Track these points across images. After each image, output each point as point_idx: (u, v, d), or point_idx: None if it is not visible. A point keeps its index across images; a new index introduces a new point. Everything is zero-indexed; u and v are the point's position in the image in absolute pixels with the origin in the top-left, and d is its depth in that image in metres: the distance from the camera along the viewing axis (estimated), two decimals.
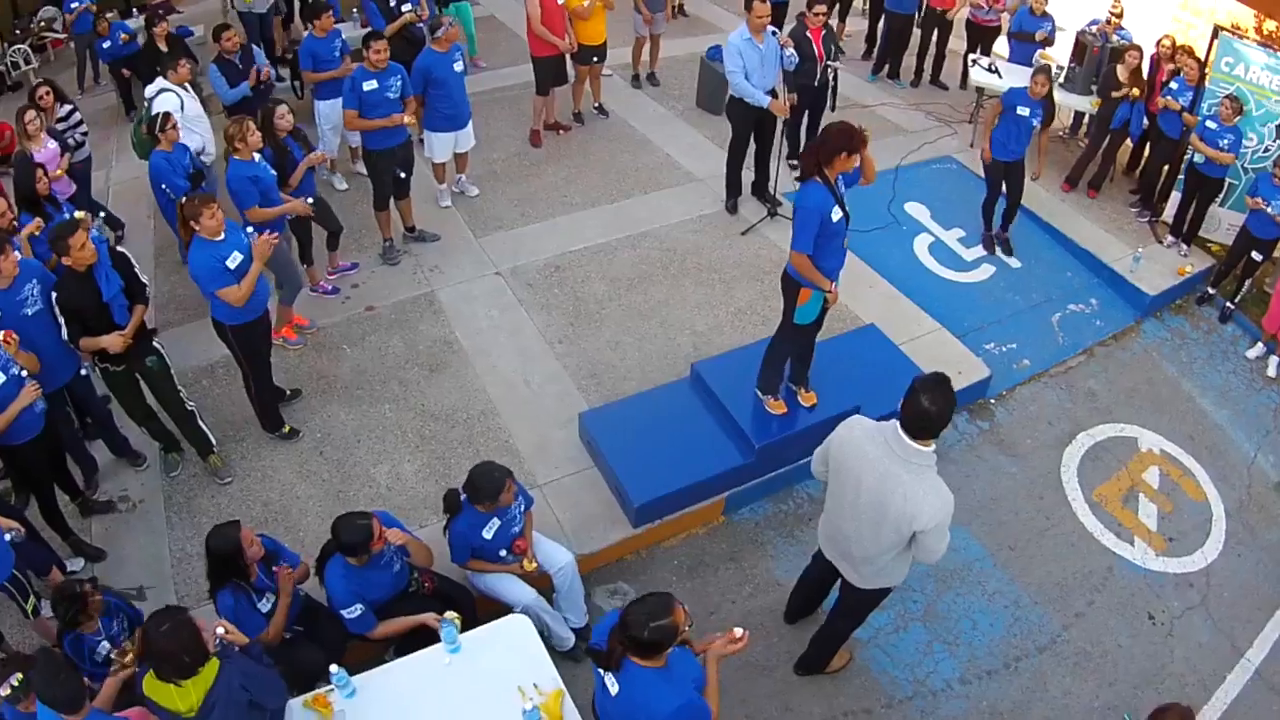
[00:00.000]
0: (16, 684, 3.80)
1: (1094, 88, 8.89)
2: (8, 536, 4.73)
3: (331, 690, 4.28)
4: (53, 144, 6.99)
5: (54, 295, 5.35)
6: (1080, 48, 9.08)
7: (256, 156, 6.36)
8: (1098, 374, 7.51)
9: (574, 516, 5.93)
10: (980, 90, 9.68)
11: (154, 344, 5.80)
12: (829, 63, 8.34)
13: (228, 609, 4.53)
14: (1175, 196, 8.50)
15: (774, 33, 7.86)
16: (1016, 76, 9.30)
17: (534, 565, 5.13)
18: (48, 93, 7.47)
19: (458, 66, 7.68)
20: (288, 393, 6.63)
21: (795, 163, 9.14)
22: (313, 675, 4.58)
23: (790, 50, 7.66)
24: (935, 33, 10.54)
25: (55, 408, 5.64)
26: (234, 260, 5.59)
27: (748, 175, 8.61)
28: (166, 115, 6.55)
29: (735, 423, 6.13)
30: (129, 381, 5.77)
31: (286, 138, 6.72)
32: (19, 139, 6.87)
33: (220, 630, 4.13)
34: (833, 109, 9.01)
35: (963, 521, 6.22)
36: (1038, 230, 8.70)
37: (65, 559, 5.59)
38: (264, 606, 4.65)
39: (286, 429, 6.40)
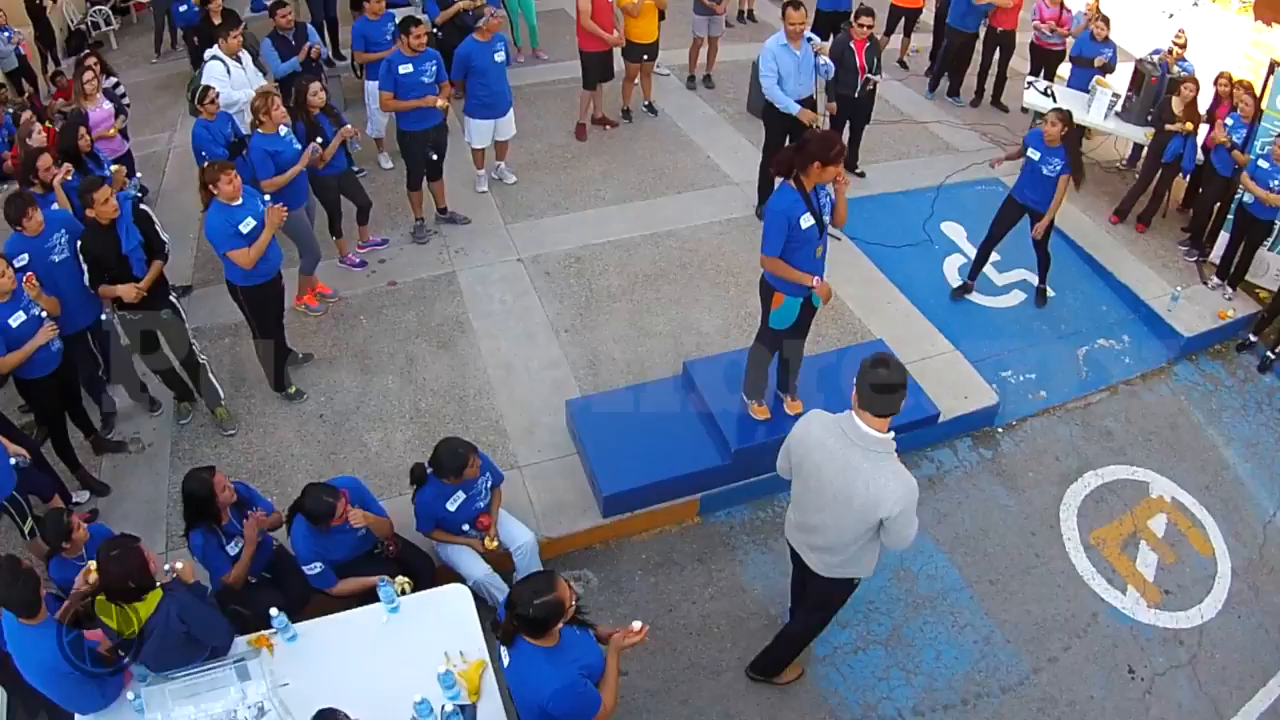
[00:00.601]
0: None
1: (1150, 118, 8.54)
2: (12, 460, 5.04)
3: (275, 633, 4.40)
4: (108, 104, 7.38)
5: (78, 244, 5.68)
6: (1139, 77, 8.67)
7: (282, 130, 6.56)
8: (1118, 413, 7.15)
9: (547, 500, 5.96)
10: (1028, 112, 9.37)
11: (170, 298, 6.06)
12: (870, 75, 8.23)
13: (197, 548, 4.76)
14: (1224, 237, 8.02)
15: (810, 40, 7.77)
16: (1071, 101, 8.99)
17: (495, 544, 5.20)
18: (95, 63, 7.84)
19: (498, 57, 7.78)
20: (300, 355, 6.83)
21: None
22: (269, 619, 4.78)
23: (824, 59, 7.57)
24: (997, 53, 10.21)
25: (79, 350, 5.98)
26: (247, 225, 5.82)
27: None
28: (207, 89, 6.86)
29: (716, 424, 6.05)
30: (145, 330, 6.02)
31: (319, 114, 6.89)
32: (76, 97, 7.29)
33: (178, 565, 4.36)
34: (868, 120, 8.94)
35: (944, 548, 6.05)
36: (1077, 260, 8.34)
37: (72, 491, 5.89)
38: (232, 549, 4.83)
39: (293, 389, 6.60)
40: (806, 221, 5.06)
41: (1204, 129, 8.16)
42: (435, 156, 7.69)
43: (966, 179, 9.31)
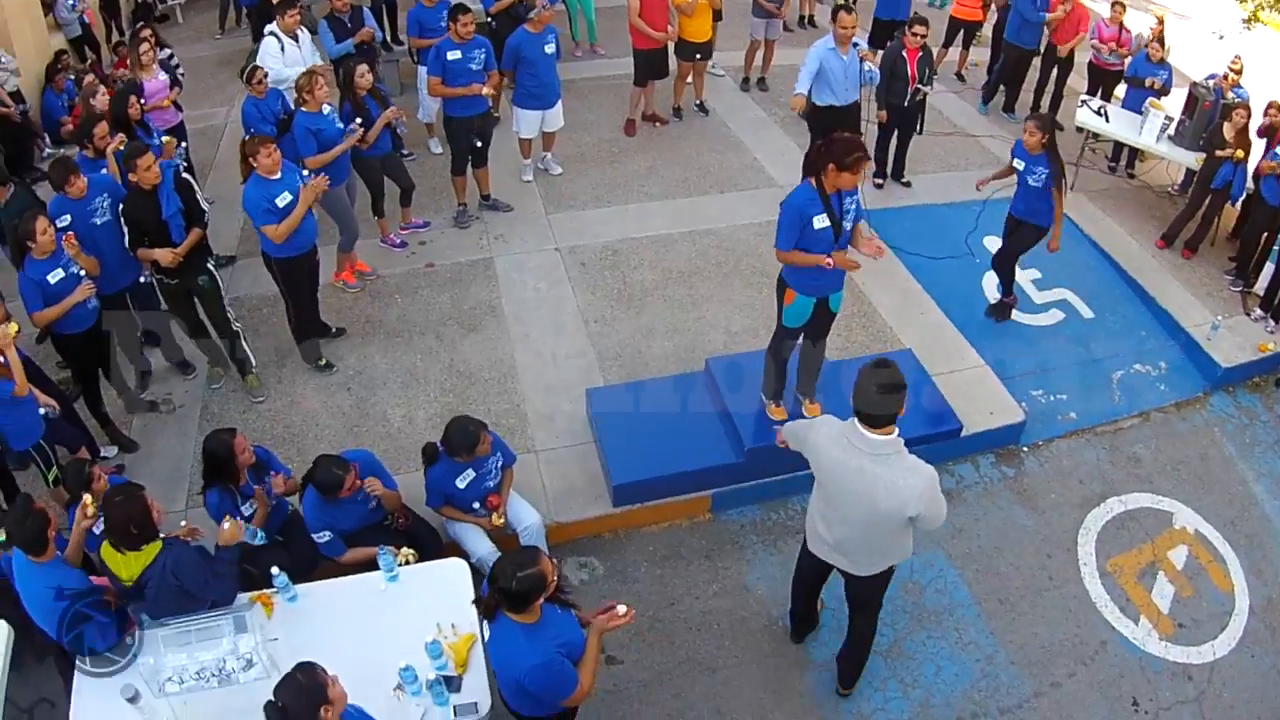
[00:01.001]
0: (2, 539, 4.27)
1: (1201, 143, 8.25)
2: (41, 410, 5.23)
3: (276, 592, 4.49)
4: (163, 75, 7.58)
5: (120, 207, 5.86)
6: (1193, 100, 8.38)
7: (326, 109, 6.68)
8: (1148, 440, 6.92)
9: (559, 485, 5.99)
10: (1083, 131, 9.14)
11: (208, 265, 6.20)
12: (920, 85, 8.13)
13: (212, 506, 4.88)
14: (1269, 268, 7.73)
15: (856, 45, 7.67)
16: (1124, 122, 8.78)
17: (501, 521, 5.24)
18: (150, 34, 8.04)
19: (549, 49, 7.82)
20: (333, 329, 6.96)
21: (879, 181, 9.09)
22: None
23: (869, 66, 7.49)
24: (1055, 70, 9.98)
25: (116, 310, 6.17)
26: (283, 199, 5.94)
27: None
28: (255, 68, 7.03)
29: (733, 422, 6.02)
30: (182, 295, 6.21)
31: (366, 96, 6.97)
32: (132, 68, 7.53)
33: (225, 527, 4.50)
34: (919, 132, 8.83)
35: (956, 564, 5.94)
36: (1120, 283, 8.11)
37: (102, 445, 6.07)
38: (246, 510, 4.96)
39: (323, 362, 6.72)
40: (820, 222, 5.00)
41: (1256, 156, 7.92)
42: (480, 144, 7.75)
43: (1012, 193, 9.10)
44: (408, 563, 4.78)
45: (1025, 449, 6.79)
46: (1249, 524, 6.46)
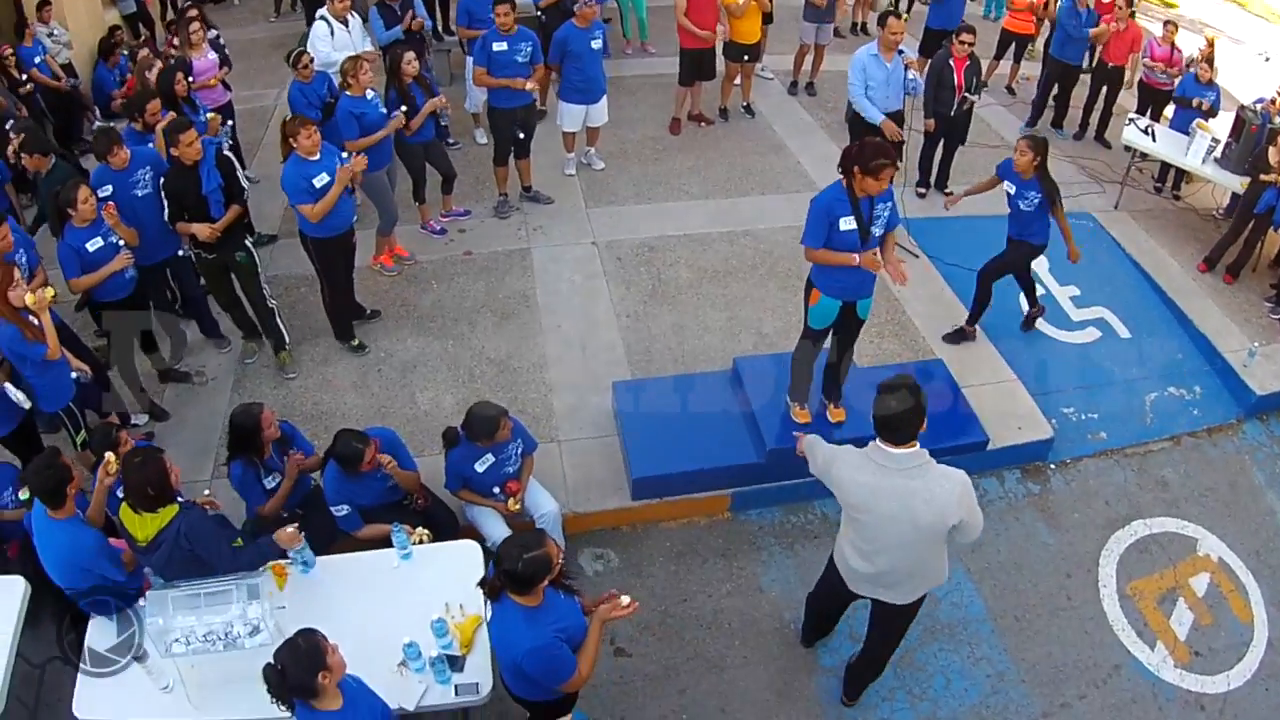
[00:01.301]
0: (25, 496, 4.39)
1: (1246, 167, 8.02)
2: (74, 374, 5.34)
3: (291, 563, 4.56)
4: (213, 55, 7.74)
5: (161, 181, 5.97)
6: (1239, 124, 8.15)
7: (369, 94, 6.76)
8: (1177, 464, 6.77)
9: (580, 476, 6.01)
10: (1130, 150, 8.99)
11: (246, 242, 6.29)
12: (967, 94, 8.04)
13: (235, 478, 4.98)
14: None
15: (901, 53, 7.59)
16: (1171, 143, 8.60)
17: (518, 507, 5.26)
18: (197, 14, 8.19)
19: (595, 44, 7.86)
20: (368, 311, 7.04)
21: (922, 190, 9.00)
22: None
23: (913, 74, 7.40)
24: (1105, 88, 9.82)
25: (154, 281, 6.32)
26: (320, 180, 6.01)
27: None
28: (301, 53, 7.14)
29: (756, 422, 5.99)
30: (219, 270, 6.32)
31: (412, 84, 7.05)
32: (182, 46, 7.69)
33: (205, 492, 4.59)
34: (963, 141, 8.72)
35: (974, 578, 5.86)
36: (1159, 305, 7.95)
37: (134, 413, 6.21)
38: (269, 483, 5.04)
39: (356, 342, 6.80)
40: (847, 224, 4.97)
41: None
42: (522, 135, 7.81)
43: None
44: (421, 542, 4.83)
45: (1053, 466, 6.68)
46: (1274, 555, 6.28)
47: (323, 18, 7.75)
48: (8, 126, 6.94)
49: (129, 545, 4.31)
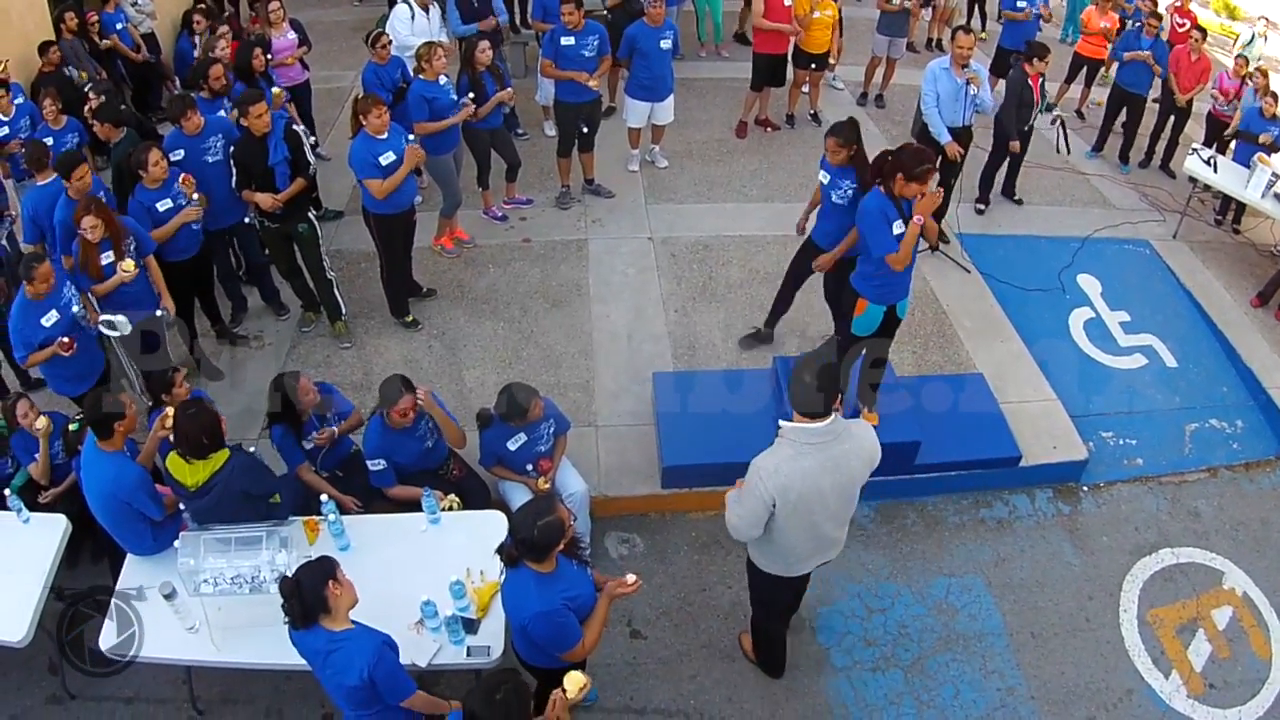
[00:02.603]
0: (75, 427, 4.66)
1: None
2: (158, 312, 5.75)
3: (324, 519, 4.76)
4: (292, 34, 8.01)
5: (231, 149, 6.22)
6: None
7: (442, 79, 6.94)
8: (1211, 496, 6.61)
9: (613, 461, 6.11)
10: (1193, 181, 8.76)
11: (310, 215, 6.51)
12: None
13: (277, 437, 5.19)
14: None
15: (975, 68, 7.46)
16: (1232, 175, 8.37)
17: (548, 485, 5.34)
18: (280, 6, 8.37)
19: (664, 44, 7.95)
20: (424, 290, 7.24)
21: (981, 206, 8.89)
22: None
23: (975, 89, 7.33)
24: (1172, 119, 9.58)
25: (219, 245, 6.58)
26: (386, 158, 6.18)
27: None
28: (380, 34, 7.33)
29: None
30: (282, 240, 6.54)
31: (484, 72, 7.23)
32: (263, 24, 7.99)
33: (251, 449, 4.80)
34: (1024, 154, 8.60)
35: (994, 592, 5.81)
36: (1208, 336, 7.76)
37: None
38: (307, 445, 5.22)
39: (410, 319, 6.99)
40: (898, 228, 5.01)
41: None
42: (585, 130, 7.96)
43: (1116, 235, 8.80)
44: (450, 509, 4.98)
45: (1085, 488, 6.57)
46: None
47: (406, 1, 7.94)
48: (87, 88, 7.28)
49: (174, 491, 4.54)
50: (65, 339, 5.20)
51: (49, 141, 6.63)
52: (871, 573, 5.89)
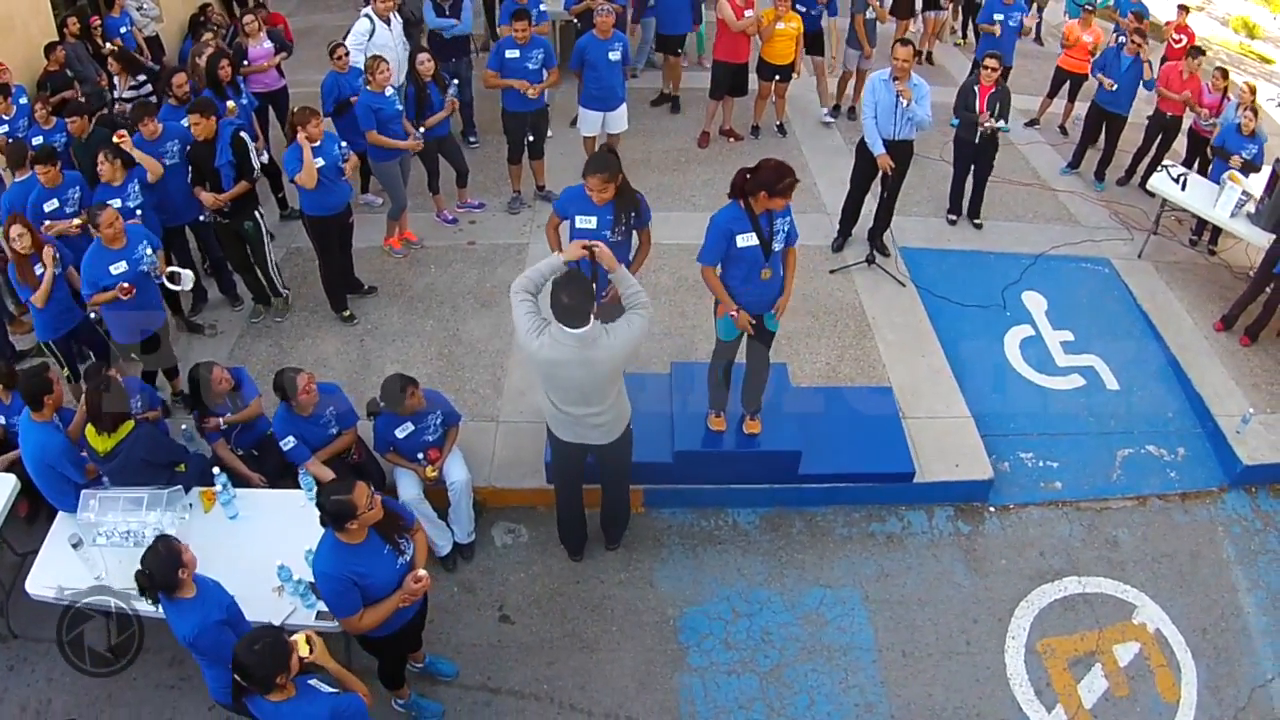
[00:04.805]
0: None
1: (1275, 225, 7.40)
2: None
3: (220, 490, 5.18)
4: (269, 43, 8.46)
5: (187, 150, 6.76)
6: (1275, 178, 7.55)
7: (388, 91, 7.32)
8: (1135, 526, 6.38)
9: (507, 455, 6.34)
10: (1156, 197, 8.50)
11: (255, 214, 6.97)
12: (989, 122, 7.98)
13: (197, 420, 5.68)
14: None
15: (914, 83, 7.42)
16: (1201, 193, 8.09)
17: (435, 474, 5.65)
18: (254, 5, 9.00)
19: (613, 55, 8.15)
20: (366, 287, 7.61)
21: (953, 218, 8.91)
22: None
23: (906, 103, 7.34)
24: (1160, 135, 9.30)
25: (177, 240, 7.07)
26: (317, 163, 6.64)
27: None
28: (338, 45, 7.76)
29: (673, 423, 6.13)
30: (232, 235, 7.00)
31: (429, 83, 7.61)
32: (240, 35, 8.57)
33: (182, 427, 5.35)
34: (989, 172, 8.53)
35: (869, 606, 5.79)
36: (1158, 360, 7.50)
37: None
38: (221, 424, 5.64)
39: (347, 314, 7.37)
40: (746, 240, 5.12)
41: None
42: (532, 138, 8.23)
43: (1074, 253, 8.60)
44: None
45: (992, 509, 6.45)
46: (1224, 637, 5.81)
47: (366, 15, 8.33)
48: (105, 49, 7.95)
49: (91, 458, 5.09)
50: (126, 284, 5.83)
51: (38, 140, 7.31)
52: (746, 578, 5.94)
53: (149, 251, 6.07)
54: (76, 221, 6.38)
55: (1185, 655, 5.72)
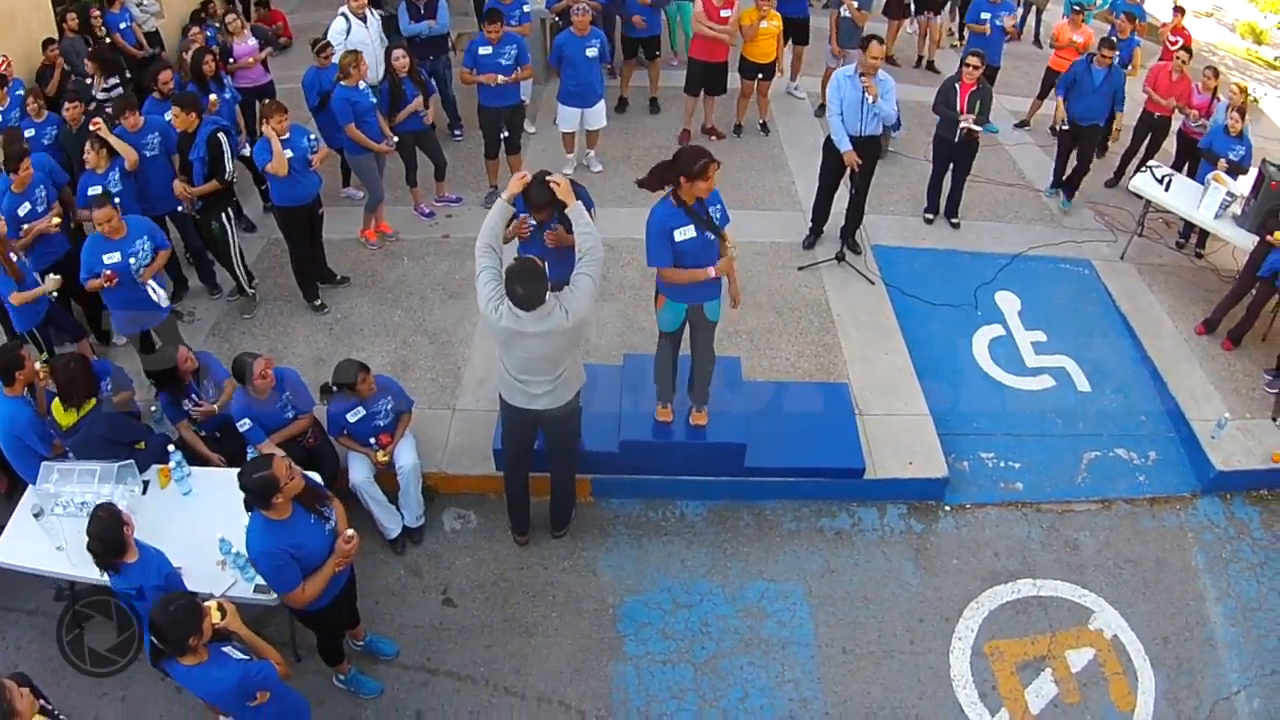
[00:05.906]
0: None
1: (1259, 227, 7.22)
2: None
3: (174, 467, 5.34)
4: (253, 40, 8.67)
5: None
6: (1261, 180, 7.33)
7: (362, 85, 7.46)
8: (1099, 529, 6.25)
9: (461, 442, 6.41)
10: (1140, 199, 8.33)
11: (223, 216, 7.13)
12: (966, 121, 7.93)
13: (163, 402, 5.85)
14: None
15: (860, 76, 7.35)
16: (1185, 194, 7.96)
17: (385, 459, 5.75)
18: (236, 17, 9.04)
19: (590, 52, 8.26)
20: (338, 277, 7.75)
21: (930, 216, 8.87)
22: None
23: (872, 99, 7.27)
24: (1149, 136, 9.16)
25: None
26: (286, 154, 6.81)
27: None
28: (325, 44, 7.94)
29: (621, 414, 6.16)
30: (208, 229, 7.21)
31: (405, 79, 7.75)
32: (222, 33, 8.80)
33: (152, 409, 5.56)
34: (967, 171, 8.48)
35: (812, 602, 5.75)
36: (1134, 363, 7.37)
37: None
38: (186, 405, 5.80)
39: (318, 303, 7.51)
40: (684, 234, 5.14)
41: None
42: (506, 133, 8.34)
43: (1053, 253, 8.49)
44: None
45: (947, 508, 6.38)
46: (1186, 646, 5.64)
47: (342, 14, 8.48)
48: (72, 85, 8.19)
49: (56, 433, 5.28)
50: (109, 273, 6.02)
51: (30, 133, 7.54)
52: (688, 569, 5.94)
53: (147, 248, 6.24)
54: (55, 220, 6.57)
55: (1144, 664, 5.59)
